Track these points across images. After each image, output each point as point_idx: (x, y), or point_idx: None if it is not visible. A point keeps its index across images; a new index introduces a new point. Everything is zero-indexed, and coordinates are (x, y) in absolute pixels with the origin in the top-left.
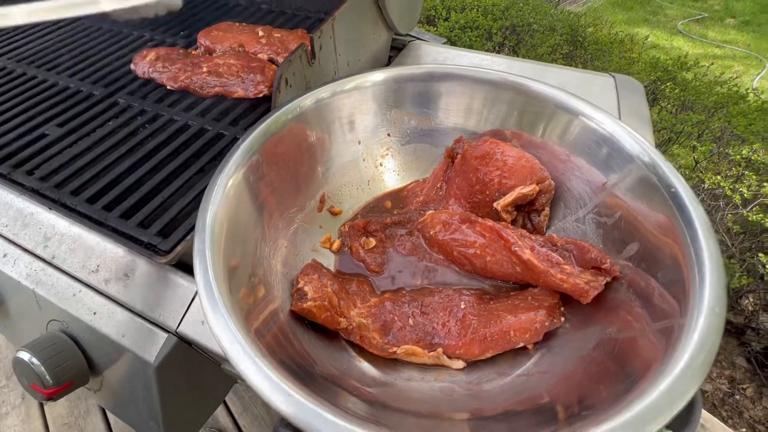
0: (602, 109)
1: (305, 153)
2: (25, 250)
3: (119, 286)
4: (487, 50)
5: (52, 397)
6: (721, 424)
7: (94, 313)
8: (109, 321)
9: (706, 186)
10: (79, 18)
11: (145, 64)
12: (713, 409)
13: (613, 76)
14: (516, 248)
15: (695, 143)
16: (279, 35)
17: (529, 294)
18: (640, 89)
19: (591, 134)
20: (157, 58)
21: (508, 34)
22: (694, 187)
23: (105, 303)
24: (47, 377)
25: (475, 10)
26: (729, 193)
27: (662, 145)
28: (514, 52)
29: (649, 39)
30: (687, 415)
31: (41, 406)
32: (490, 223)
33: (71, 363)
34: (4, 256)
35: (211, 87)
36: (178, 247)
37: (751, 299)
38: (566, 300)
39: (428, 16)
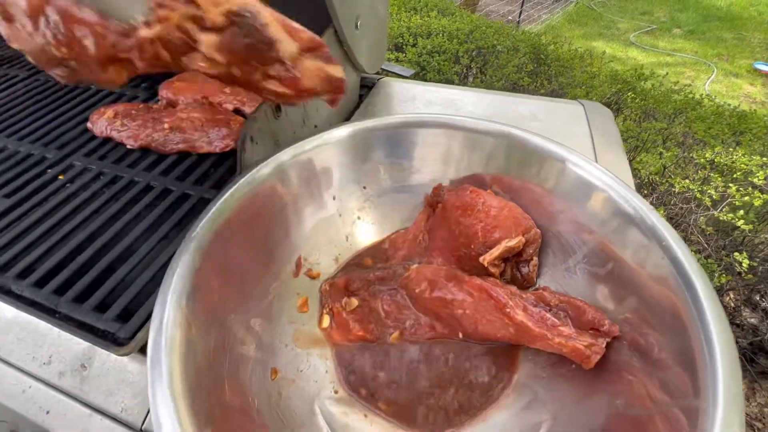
0: (587, 158)
1: (275, 219)
2: None
3: (75, 379)
4: (455, 72)
5: None
6: None
7: (47, 412)
8: (65, 420)
9: (676, 190)
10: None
11: (103, 122)
12: None
13: (582, 104)
14: (508, 309)
15: (661, 149)
16: None
17: None
18: (609, 115)
19: (577, 183)
20: (116, 115)
21: (475, 56)
22: (665, 191)
23: (60, 399)
24: None
25: (440, 35)
26: (698, 195)
27: (630, 153)
28: (482, 73)
29: (606, 52)
30: None
31: None
32: (478, 281)
33: None
34: None
35: (174, 144)
36: (140, 334)
37: (732, 296)
38: (568, 363)
39: (396, 43)
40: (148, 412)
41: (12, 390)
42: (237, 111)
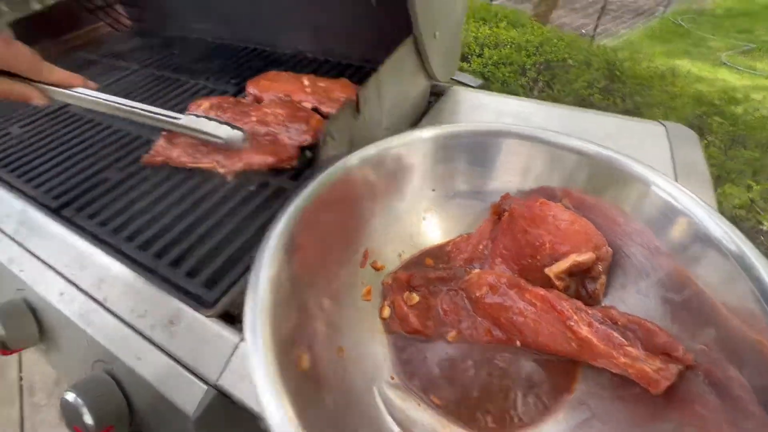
0: (673, 181)
1: (354, 208)
2: (81, 290)
3: (164, 333)
4: (521, 85)
5: None
6: None
7: (138, 358)
8: (152, 367)
9: (765, 228)
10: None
11: (200, 113)
12: None
13: (664, 124)
14: (572, 323)
15: (750, 182)
16: (323, 84)
17: None
18: (695, 139)
19: (660, 207)
20: (211, 106)
21: (542, 70)
22: (751, 228)
23: (150, 349)
24: (90, 420)
25: (508, 46)
26: None
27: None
28: (549, 87)
29: (691, 72)
30: None
31: None
32: (541, 291)
33: (113, 407)
34: (62, 294)
35: (259, 136)
36: (224, 299)
37: None
38: (632, 386)
39: (462, 53)
40: (223, 369)
41: (113, 335)
42: (315, 109)
